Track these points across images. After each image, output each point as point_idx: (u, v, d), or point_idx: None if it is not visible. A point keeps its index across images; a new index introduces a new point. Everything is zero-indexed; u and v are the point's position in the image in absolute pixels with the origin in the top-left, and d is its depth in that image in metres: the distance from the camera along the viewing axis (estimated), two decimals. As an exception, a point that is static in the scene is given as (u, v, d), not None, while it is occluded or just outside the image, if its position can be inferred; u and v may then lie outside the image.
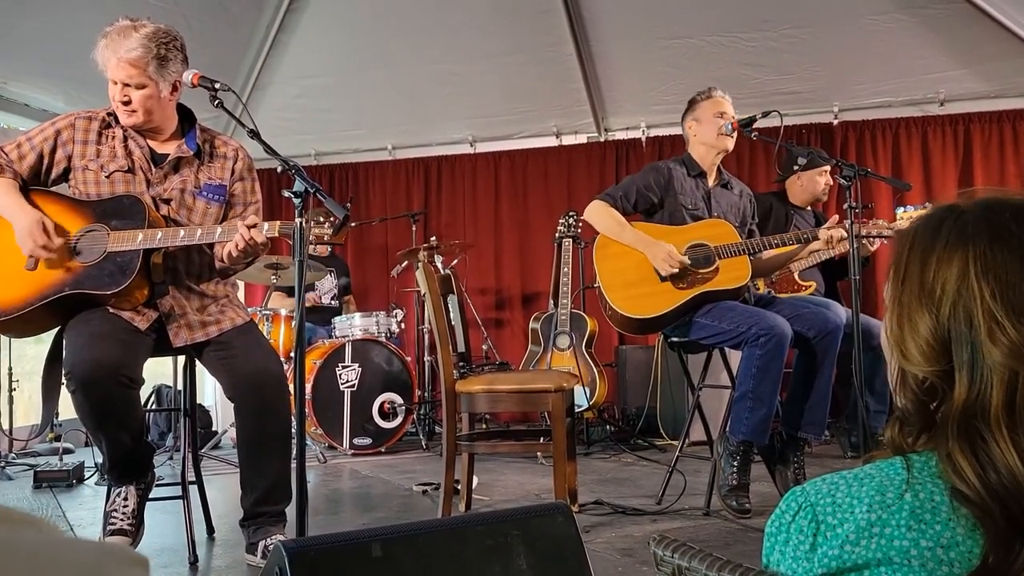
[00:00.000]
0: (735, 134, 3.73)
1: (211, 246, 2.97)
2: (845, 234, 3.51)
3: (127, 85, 2.80)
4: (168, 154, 2.96)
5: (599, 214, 3.73)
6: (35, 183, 2.88)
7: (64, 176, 2.92)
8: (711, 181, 3.84)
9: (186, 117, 3.06)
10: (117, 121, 2.92)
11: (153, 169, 2.92)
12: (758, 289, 4.68)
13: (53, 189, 2.92)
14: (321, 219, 2.68)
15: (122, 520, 2.82)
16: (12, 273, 2.79)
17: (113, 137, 2.92)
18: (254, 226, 2.73)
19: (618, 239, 3.67)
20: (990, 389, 0.89)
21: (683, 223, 3.70)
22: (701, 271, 3.58)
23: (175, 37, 2.86)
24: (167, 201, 2.92)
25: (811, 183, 5.03)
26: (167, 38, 2.83)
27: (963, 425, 0.89)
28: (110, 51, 2.78)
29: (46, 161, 2.87)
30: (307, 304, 6.06)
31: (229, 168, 3.04)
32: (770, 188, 5.88)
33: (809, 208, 5.13)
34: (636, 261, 3.62)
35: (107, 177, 2.87)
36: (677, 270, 3.53)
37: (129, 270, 2.75)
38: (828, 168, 4.97)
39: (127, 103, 2.82)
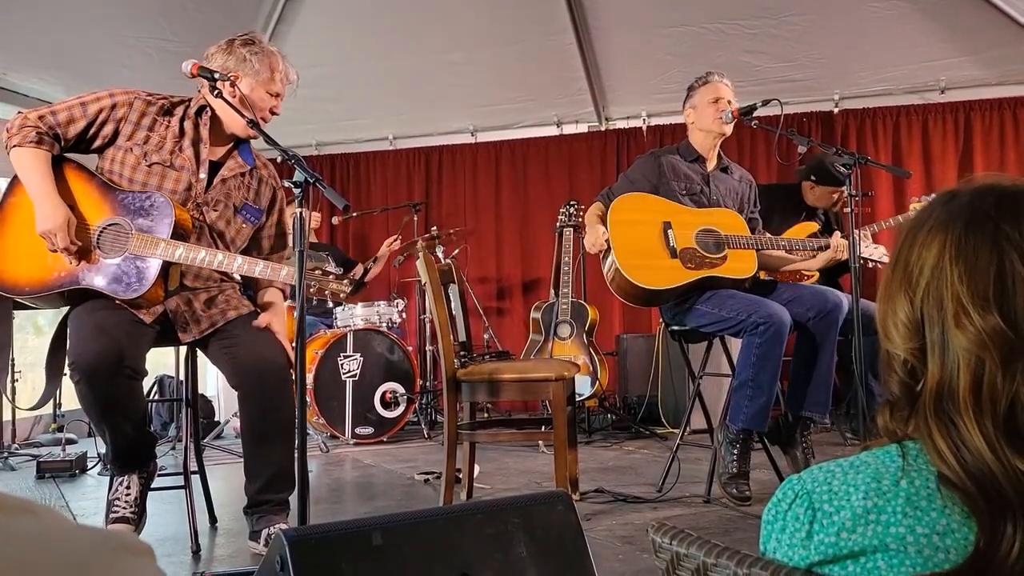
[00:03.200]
0: (733, 120, 3.73)
1: (225, 243, 2.99)
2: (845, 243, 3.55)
3: (276, 97, 3.00)
4: (215, 160, 2.98)
5: (589, 215, 3.85)
6: (73, 149, 2.85)
7: (103, 148, 2.88)
8: (710, 165, 3.85)
9: None
10: (186, 116, 2.93)
11: (199, 173, 2.92)
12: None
13: (89, 169, 2.87)
14: (339, 271, 2.74)
15: (125, 508, 2.84)
16: (31, 251, 2.77)
17: (166, 127, 2.90)
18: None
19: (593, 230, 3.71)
20: (957, 373, 0.89)
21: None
22: (710, 256, 3.59)
23: None
24: (213, 207, 2.94)
25: (825, 197, 5.05)
26: None
27: (936, 407, 0.90)
28: (289, 72, 3.03)
29: (92, 131, 2.84)
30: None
31: (267, 196, 3.14)
32: (769, 178, 5.89)
33: (820, 210, 5.13)
34: (650, 233, 3.62)
35: (148, 166, 2.85)
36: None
37: (146, 279, 2.73)
38: (843, 190, 4.98)
39: (273, 115, 3.01)
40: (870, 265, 4.07)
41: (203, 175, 2.92)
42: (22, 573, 0.42)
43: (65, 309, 2.89)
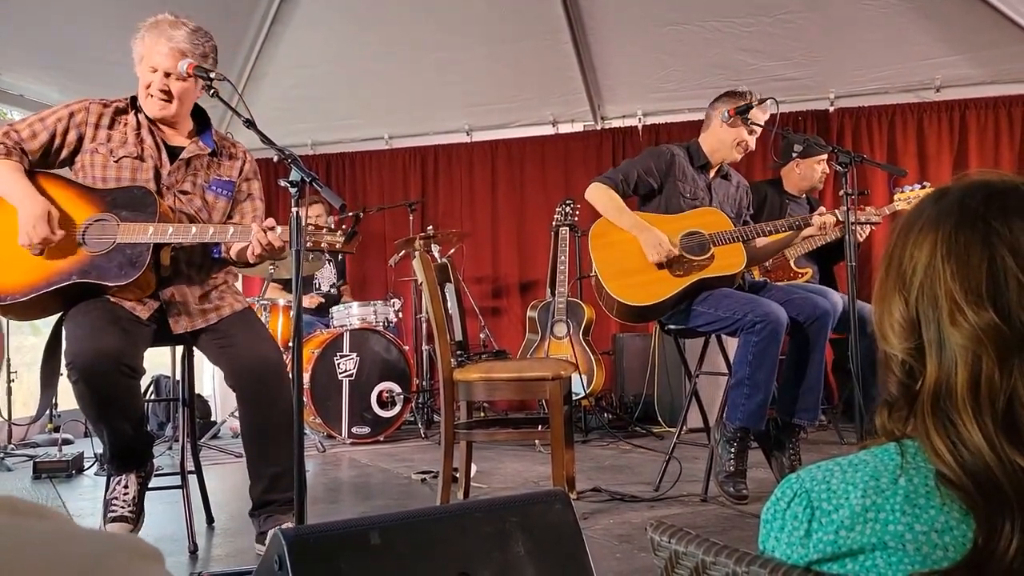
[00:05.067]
0: (753, 141, 3.74)
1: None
2: (836, 219, 3.56)
3: (169, 75, 2.85)
4: (179, 147, 2.98)
5: (600, 196, 3.73)
6: (42, 164, 2.88)
7: (72, 157, 2.91)
8: (712, 172, 3.85)
9: (200, 117, 3.10)
10: (135, 108, 2.94)
11: (164, 159, 2.93)
12: (752, 276, 4.69)
13: (61, 174, 2.90)
14: (333, 226, 2.70)
15: (123, 507, 2.84)
16: (18, 257, 2.77)
17: (125, 124, 2.93)
18: (271, 228, 2.75)
19: (616, 223, 3.67)
20: (955, 370, 0.90)
21: (679, 211, 3.71)
22: (696, 258, 3.59)
23: (212, 38, 2.95)
24: (183, 193, 2.93)
25: (809, 171, 5.03)
26: (208, 39, 2.93)
27: (934, 406, 0.91)
28: (162, 39, 2.84)
29: (57, 141, 2.86)
30: (307, 304, 6.09)
31: (237, 168, 3.09)
32: (766, 175, 5.89)
33: (804, 196, 5.14)
34: (632, 249, 3.62)
35: (116, 162, 2.87)
36: (664, 260, 3.55)
37: (139, 263, 2.74)
38: (826, 156, 4.98)
39: (166, 92, 2.86)
40: (869, 228, 4.06)
41: (166, 159, 2.94)
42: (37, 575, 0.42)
43: (56, 317, 2.89)
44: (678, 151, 3.81)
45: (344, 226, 2.72)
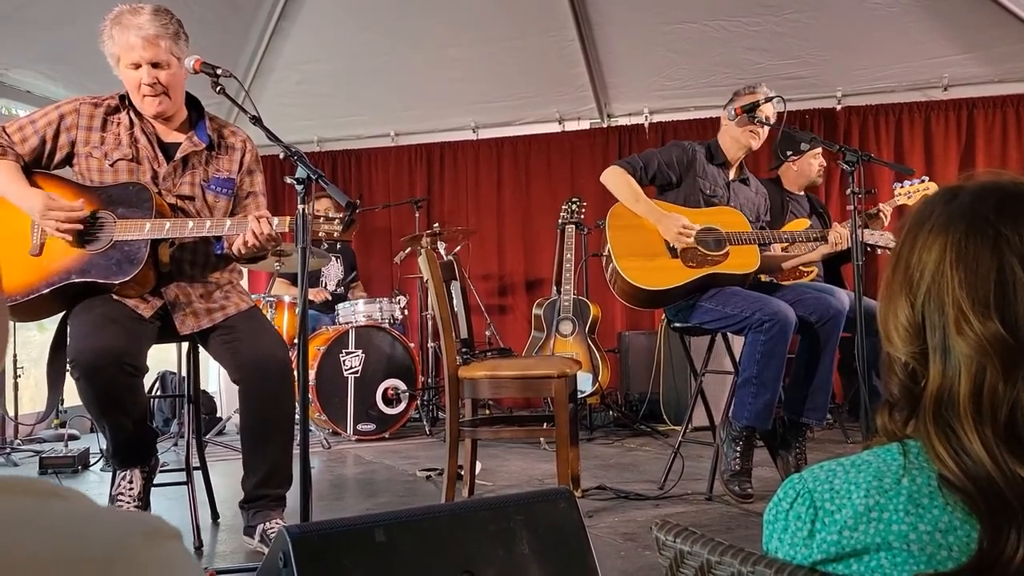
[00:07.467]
0: (764, 132, 3.71)
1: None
2: (845, 232, 3.56)
3: (155, 66, 2.75)
4: (174, 143, 2.94)
5: (616, 180, 3.71)
6: (36, 166, 2.85)
7: (67, 161, 2.88)
8: (732, 174, 3.84)
9: (193, 106, 3.03)
10: (127, 107, 2.89)
11: (160, 158, 2.90)
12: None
13: (57, 173, 2.88)
14: (331, 215, 2.67)
15: (128, 503, 2.84)
16: (17, 258, 2.77)
17: (118, 124, 2.88)
18: (267, 219, 2.72)
19: (632, 208, 3.66)
20: (958, 379, 0.89)
21: (697, 207, 3.70)
22: (711, 253, 3.59)
23: (173, 14, 2.84)
24: (182, 197, 2.91)
25: (806, 167, 5.01)
26: (171, 16, 2.81)
27: (936, 412, 0.90)
28: (130, 32, 2.72)
29: (48, 145, 2.83)
30: (314, 298, 6.10)
31: (237, 160, 3.03)
32: (767, 176, 5.88)
33: (803, 193, 5.12)
34: (649, 234, 3.61)
35: (111, 166, 2.84)
36: (691, 241, 3.54)
37: (137, 260, 2.73)
38: (820, 150, 4.94)
39: (153, 85, 2.77)
40: (878, 252, 4.07)
41: (162, 159, 2.90)
42: (56, 556, 0.43)
43: (59, 316, 2.88)
44: (699, 148, 3.80)
45: (341, 215, 2.67)
